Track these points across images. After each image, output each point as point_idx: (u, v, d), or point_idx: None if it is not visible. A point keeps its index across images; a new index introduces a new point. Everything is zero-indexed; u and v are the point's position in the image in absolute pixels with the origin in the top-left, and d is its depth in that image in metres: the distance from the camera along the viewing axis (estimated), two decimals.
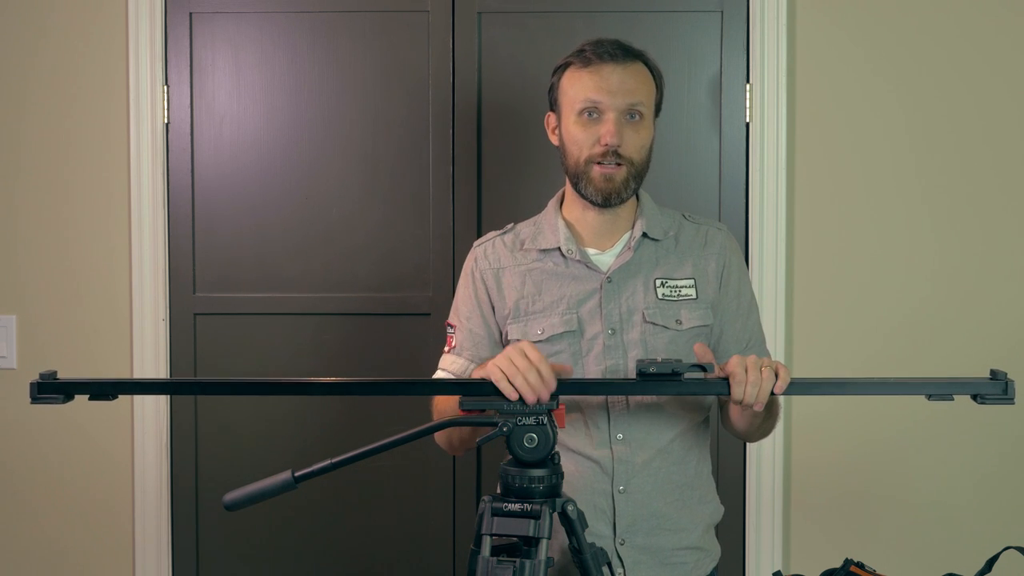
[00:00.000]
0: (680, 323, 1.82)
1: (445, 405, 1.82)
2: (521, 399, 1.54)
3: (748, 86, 2.57)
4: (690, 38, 2.59)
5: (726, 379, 1.59)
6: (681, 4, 2.59)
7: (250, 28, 2.64)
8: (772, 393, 1.58)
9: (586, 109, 1.80)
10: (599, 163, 1.80)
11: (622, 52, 1.82)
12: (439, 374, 1.92)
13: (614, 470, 1.80)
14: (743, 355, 1.62)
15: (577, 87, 1.81)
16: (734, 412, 1.78)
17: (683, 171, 2.60)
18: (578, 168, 1.82)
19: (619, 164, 1.79)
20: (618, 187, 1.81)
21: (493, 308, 1.89)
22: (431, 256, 2.62)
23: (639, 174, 1.83)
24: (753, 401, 1.58)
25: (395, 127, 2.63)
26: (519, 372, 1.55)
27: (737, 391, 1.58)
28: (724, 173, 2.59)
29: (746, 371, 1.58)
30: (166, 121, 2.64)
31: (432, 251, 2.62)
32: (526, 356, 1.56)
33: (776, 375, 1.58)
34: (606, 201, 1.82)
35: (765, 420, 1.81)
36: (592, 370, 1.81)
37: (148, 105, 2.62)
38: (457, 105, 2.61)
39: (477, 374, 1.66)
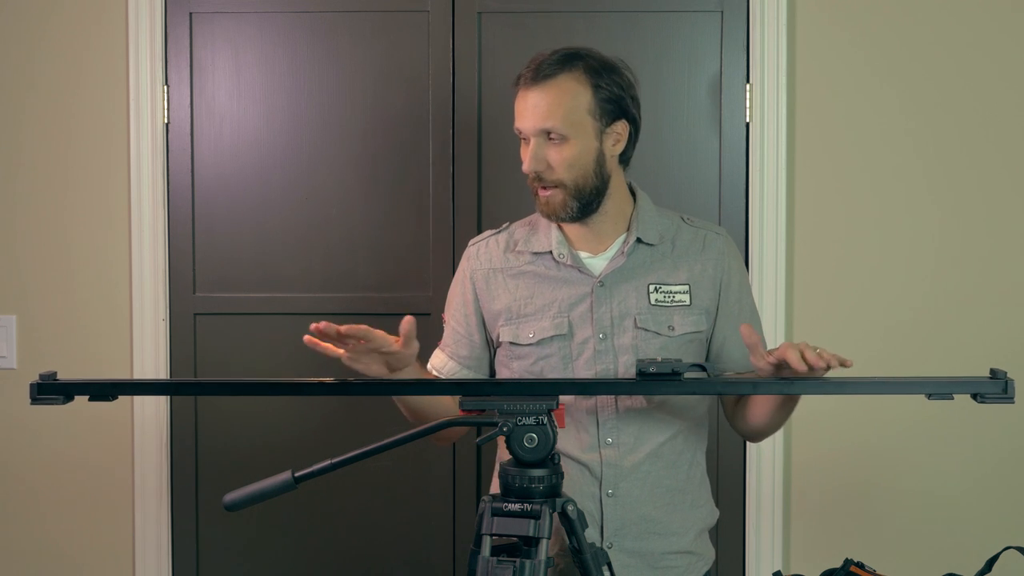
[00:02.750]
0: (672, 329, 1.82)
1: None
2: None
3: (748, 86, 2.57)
4: (690, 38, 2.59)
5: (725, 380, 1.59)
6: (681, 4, 2.59)
7: (250, 28, 2.64)
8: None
9: (519, 135, 1.81)
10: (537, 187, 1.80)
11: (542, 71, 1.76)
12: (427, 367, 1.95)
13: (602, 474, 1.80)
14: (746, 361, 1.62)
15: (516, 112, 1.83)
16: (758, 406, 1.76)
17: (683, 171, 2.60)
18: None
19: (551, 187, 1.78)
20: (556, 209, 1.79)
21: (481, 309, 1.90)
22: (431, 256, 2.62)
23: (578, 192, 1.78)
24: (822, 364, 1.55)
25: (395, 127, 2.63)
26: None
27: (795, 357, 1.55)
28: (724, 173, 2.59)
29: (800, 352, 1.56)
30: (166, 121, 2.64)
31: (432, 251, 2.62)
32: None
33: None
34: (556, 220, 1.82)
35: (782, 409, 1.77)
36: (582, 374, 1.81)
37: (148, 105, 2.62)
38: (457, 105, 2.61)
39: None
